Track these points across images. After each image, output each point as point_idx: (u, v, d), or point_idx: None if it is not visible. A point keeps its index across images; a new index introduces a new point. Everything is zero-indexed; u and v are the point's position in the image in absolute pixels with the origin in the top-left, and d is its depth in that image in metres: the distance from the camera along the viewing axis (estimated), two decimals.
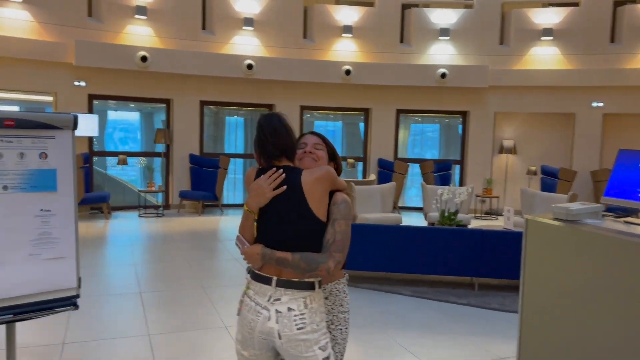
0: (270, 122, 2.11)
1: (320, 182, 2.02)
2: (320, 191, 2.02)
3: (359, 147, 12.09)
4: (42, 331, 4.11)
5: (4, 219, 2.84)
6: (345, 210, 2.07)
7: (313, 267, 1.96)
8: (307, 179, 2.02)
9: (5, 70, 9.11)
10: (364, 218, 7.72)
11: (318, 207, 2.02)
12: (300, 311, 1.98)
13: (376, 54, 11.36)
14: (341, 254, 1.99)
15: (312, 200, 2.01)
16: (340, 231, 2.02)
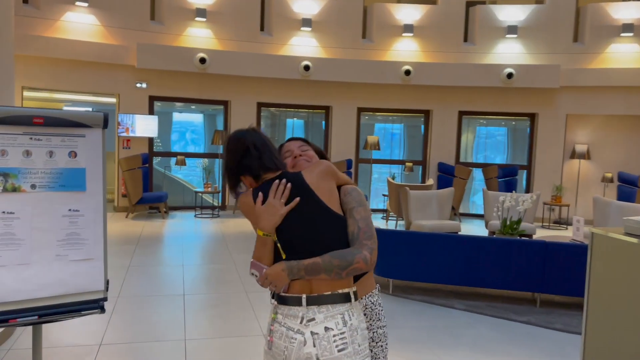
0: (255, 135, 1.97)
1: (325, 176, 1.89)
2: (328, 185, 1.88)
3: (420, 150, 11.67)
4: (82, 331, 4.10)
5: (32, 218, 2.79)
6: (359, 197, 1.91)
7: (349, 260, 1.73)
8: (311, 177, 1.88)
9: (73, 73, 9.47)
10: (418, 225, 7.36)
11: (332, 202, 1.86)
12: (339, 330, 1.72)
13: (438, 54, 10.92)
14: (371, 240, 1.79)
15: (325, 196, 1.85)
16: (362, 218, 1.83)
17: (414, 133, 12.07)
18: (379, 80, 10.59)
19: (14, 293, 2.74)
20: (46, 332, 3.97)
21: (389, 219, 10.14)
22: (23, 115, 2.78)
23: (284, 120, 11.80)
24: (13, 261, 2.74)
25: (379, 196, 11.47)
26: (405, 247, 5.30)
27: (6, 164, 2.74)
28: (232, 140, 1.97)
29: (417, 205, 7.71)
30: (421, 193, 7.86)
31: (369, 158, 11.10)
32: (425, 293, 5.45)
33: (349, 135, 11.07)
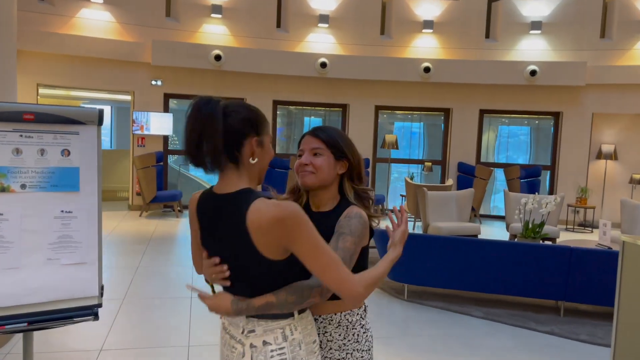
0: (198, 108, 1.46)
1: (264, 231, 1.42)
2: (269, 238, 1.43)
3: (439, 150, 11.38)
4: (83, 335, 3.98)
5: (21, 220, 2.65)
6: (357, 227, 1.65)
7: (305, 295, 1.51)
8: (256, 218, 1.42)
9: (89, 70, 9.42)
10: (436, 227, 7.11)
11: (271, 249, 1.46)
12: (278, 345, 1.53)
13: (459, 50, 10.62)
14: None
15: (260, 242, 1.44)
16: (344, 248, 1.60)
17: (433, 132, 11.78)
18: (398, 78, 10.34)
19: (2, 298, 2.60)
20: (46, 336, 3.85)
21: None
22: (12, 110, 2.64)
23: (301, 119, 11.62)
24: (1, 265, 2.60)
25: (397, 196, 11.23)
26: (420, 251, 5.07)
27: None
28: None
29: (435, 207, 7.46)
30: (439, 194, 7.61)
31: (386, 157, 10.85)
32: (442, 299, 5.21)
33: (367, 134, 10.84)
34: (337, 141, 1.78)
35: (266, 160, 1.60)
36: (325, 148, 1.75)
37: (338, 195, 1.80)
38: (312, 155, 1.76)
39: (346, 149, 1.78)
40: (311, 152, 1.76)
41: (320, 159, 1.75)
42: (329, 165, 1.75)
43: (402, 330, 4.41)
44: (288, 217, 1.40)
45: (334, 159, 1.76)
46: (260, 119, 1.55)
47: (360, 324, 1.77)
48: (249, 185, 1.53)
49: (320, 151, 1.75)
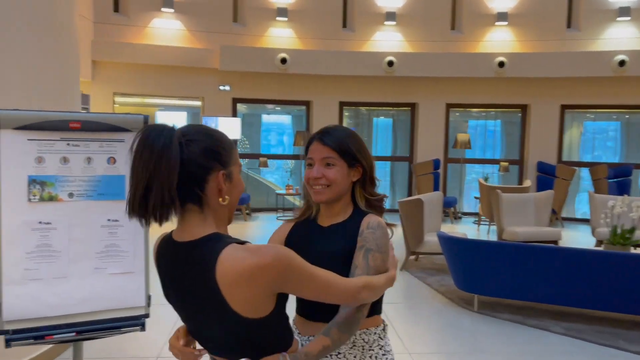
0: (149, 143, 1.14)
1: (242, 283, 1.14)
2: (244, 294, 1.16)
3: (517, 149, 10.74)
4: (142, 341, 3.98)
5: (69, 229, 2.63)
6: (384, 242, 1.51)
7: (354, 329, 1.45)
8: (229, 273, 1.14)
9: (160, 78, 9.72)
10: (512, 232, 6.64)
11: (245, 306, 1.18)
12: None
13: (537, 43, 9.96)
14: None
15: (233, 299, 1.16)
16: (375, 267, 1.48)
17: (510, 130, 11.13)
18: (470, 74, 9.85)
19: (51, 308, 2.59)
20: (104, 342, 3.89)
21: (480, 224, 9.38)
22: (59, 119, 2.62)
23: (371, 119, 11.36)
24: (50, 274, 2.59)
25: (470, 199, 10.72)
26: (493, 258, 4.69)
27: (43, 171, 2.60)
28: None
29: (511, 210, 6.97)
30: (515, 196, 7.11)
31: (459, 158, 10.38)
32: (516, 312, 4.80)
33: (437, 134, 10.41)
34: (349, 146, 1.57)
35: (236, 195, 1.28)
36: (338, 157, 1.55)
37: (351, 203, 1.64)
38: (324, 166, 1.55)
39: (359, 154, 1.58)
40: (322, 162, 1.56)
41: (333, 171, 1.55)
42: (343, 175, 1.56)
43: (471, 346, 4.08)
44: (275, 262, 1.15)
45: (347, 167, 1.57)
46: (226, 145, 1.25)
47: (378, 345, 1.59)
48: (216, 229, 1.24)
49: (332, 161, 1.55)
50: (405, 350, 3.93)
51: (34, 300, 2.55)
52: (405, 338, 4.16)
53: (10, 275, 2.52)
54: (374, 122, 11.25)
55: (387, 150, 11.15)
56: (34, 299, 2.55)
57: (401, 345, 4.01)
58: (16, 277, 2.53)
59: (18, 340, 2.53)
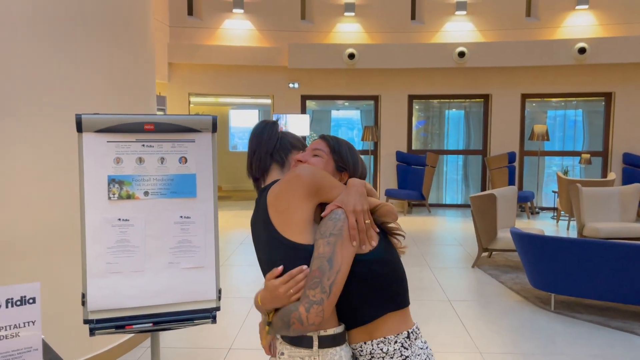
0: (257, 126, 1.74)
1: (284, 189, 1.47)
2: (285, 202, 1.44)
3: (600, 140, 10.12)
4: (216, 333, 4.14)
5: (145, 225, 2.78)
6: (330, 225, 1.41)
7: (286, 321, 1.39)
8: (272, 189, 1.52)
9: (232, 77, 10.01)
10: (593, 228, 6.28)
11: (285, 224, 1.43)
12: None
13: (620, 26, 9.32)
14: (316, 290, 1.34)
15: (277, 217, 1.45)
16: (318, 256, 1.37)
17: (593, 120, 10.50)
18: (547, 62, 9.38)
19: (130, 299, 2.75)
20: (181, 333, 4.08)
21: (559, 219, 8.94)
22: (134, 122, 2.77)
23: (442, 112, 11.09)
24: (128, 268, 2.75)
25: (549, 193, 10.24)
26: (572, 256, 4.45)
27: (121, 171, 2.76)
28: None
29: (593, 205, 6.59)
30: (597, 190, 6.70)
31: (536, 150, 9.93)
32: (597, 312, 4.54)
33: (512, 125, 10.01)
34: (342, 151, 1.64)
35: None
36: (328, 153, 1.63)
37: None
38: (312, 156, 1.64)
39: (349, 162, 1.64)
40: (312, 152, 1.65)
41: (316, 160, 1.61)
42: (325, 170, 1.59)
43: (546, 347, 3.90)
44: (305, 170, 1.46)
45: (334, 168, 1.63)
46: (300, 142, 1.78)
47: (401, 355, 1.44)
48: None
49: (320, 153, 1.63)
50: (477, 349, 3.83)
51: (114, 292, 2.72)
52: (477, 337, 4.06)
53: (93, 269, 2.70)
54: (446, 114, 10.98)
55: (459, 144, 10.86)
56: (114, 290, 2.72)
57: (472, 345, 3.91)
58: (98, 270, 2.70)
59: (101, 330, 2.71)
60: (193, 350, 3.84)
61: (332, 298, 1.35)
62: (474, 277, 5.71)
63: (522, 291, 5.14)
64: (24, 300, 1.96)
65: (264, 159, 1.65)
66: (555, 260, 4.49)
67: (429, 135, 10.99)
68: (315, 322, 1.33)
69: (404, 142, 10.27)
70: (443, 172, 10.84)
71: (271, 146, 1.66)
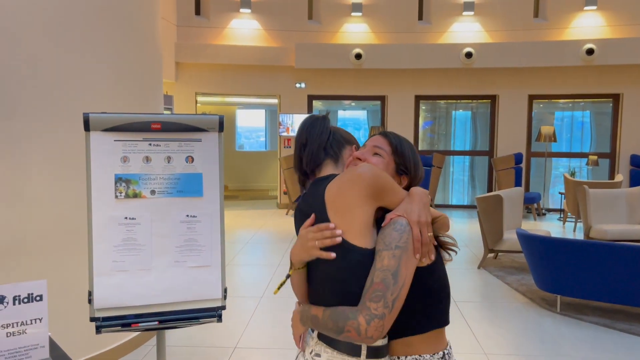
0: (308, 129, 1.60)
1: (349, 189, 1.36)
2: (345, 202, 1.37)
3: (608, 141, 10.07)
4: (222, 332, 4.16)
5: (152, 224, 2.79)
6: (394, 235, 1.34)
7: (340, 326, 1.31)
8: (331, 186, 1.42)
9: (239, 77, 10.03)
10: (600, 230, 6.25)
11: (347, 223, 1.36)
12: None
13: (628, 28, 9.26)
14: (379, 304, 1.28)
15: (336, 214, 1.38)
16: (382, 268, 1.30)
17: (601, 121, 10.44)
18: (555, 63, 9.35)
19: (136, 298, 2.77)
20: (188, 332, 4.10)
21: (566, 220, 8.90)
22: (141, 121, 2.79)
23: (449, 113, 11.07)
24: (135, 266, 2.77)
25: (557, 194, 10.19)
26: (578, 258, 4.44)
27: (128, 170, 2.78)
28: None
29: (600, 206, 6.56)
30: (604, 192, 6.67)
31: (543, 151, 9.89)
32: (604, 315, 4.52)
33: (519, 126, 9.98)
34: (405, 152, 1.54)
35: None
36: (390, 153, 1.53)
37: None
38: (372, 154, 1.54)
39: (411, 164, 1.54)
40: (372, 149, 1.55)
41: (376, 159, 1.52)
42: (385, 170, 1.51)
43: (552, 350, 3.89)
44: (367, 170, 1.37)
45: (394, 170, 1.53)
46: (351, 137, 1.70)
47: None
48: None
49: (381, 152, 1.53)
50: (482, 350, 3.82)
51: (121, 290, 2.74)
52: (482, 338, 4.05)
53: (100, 267, 2.72)
54: (453, 115, 10.96)
55: (466, 145, 10.84)
56: (121, 289, 2.74)
57: (477, 346, 3.90)
58: (105, 268, 2.72)
59: (107, 327, 2.73)
60: (199, 348, 3.85)
61: (394, 313, 1.30)
62: (480, 278, 5.69)
63: (527, 292, 5.13)
64: (31, 297, 1.98)
65: (317, 153, 1.54)
66: (561, 261, 4.47)
67: (436, 135, 10.96)
68: (374, 336, 1.29)
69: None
70: (449, 173, 10.82)
71: (324, 140, 1.55)
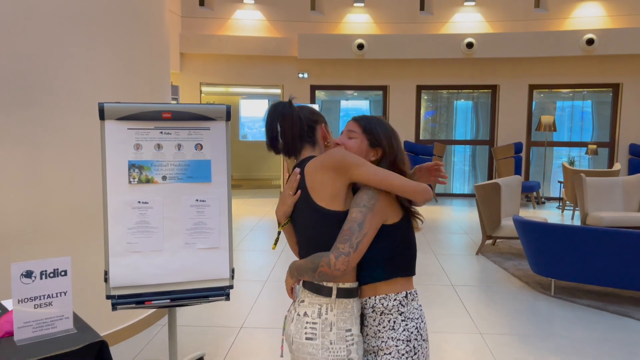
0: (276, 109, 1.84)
1: (318, 167, 1.71)
2: (319, 176, 1.70)
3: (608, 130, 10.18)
4: (229, 312, 4.34)
5: (163, 208, 2.96)
6: (363, 198, 1.67)
7: (316, 263, 1.65)
8: (309, 165, 1.75)
9: (242, 67, 10.16)
10: (596, 217, 6.40)
11: (322, 195, 1.70)
12: (312, 319, 1.70)
13: (628, 18, 9.34)
14: (345, 244, 1.61)
15: (313, 188, 1.72)
16: (350, 220, 1.64)
17: (602, 111, 10.55)
18: (555, 53, 9.44)
19: (149, 277, 2.94)
20: (196, 312, 4.28)
21: (565, 209, 9.05)
22: (153, 110, 2.95)
23: (451, 103, 11.18)
24: (147, 247, 2.94)
25: (557, 183, 10.33)
26: (571, 243, 4.60)
27: (141, 157, 2.94)
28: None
29: (596, 194, 6.70)
30: (601, 180, 6.81)
31: (542, 141, 10.02)
32: (596, 297, 4.68)
33: (519, 116, 10.10)
34: (374, 129, 1.81)
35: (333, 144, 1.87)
36: (361, 133, 1.81)
37: None
38: (347, 138, 1.83)
39: (381, 137, 1.80)
40: (347, 134, 1.84)
41: (352, 141, 1.81)
42: (360, 148, 1.79)
43: (545, 330, 4.06)
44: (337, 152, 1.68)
45: (368, 145, 1.80)
46: (319, 113, 1.92)
47: (397, 310, 1.70)
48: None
49: (355, 135, 1.82)
50: (478, 330, 3.99)
51: (134, 270, 2.91)
52: (477, 319, 4.22)
53: (115, 248, 2.89)
54: (454, 105, 11.08)
55: (467, 134, 10.96)
56: (134, 268, 2.91)
57: (472, 326, 4.07)
58: (120, 249, 2.90)
59: (122, 305, 2.90)
60: (208, 328, 4.04)
61: (358, 254, 1.61)
62: (478, 264, 5.86)
63: (523, 277, 5.29)
64: (57, 272, 2.16)
65: (293, 143, 1.82)
66: (555, 246, 4.63)
67: (437, 125, 11.09)
68: (341, 268, 1.59)
69: (412, 132, 10.39)
70: (451, 162, 10.95)
71: (297, 131, 1.81)
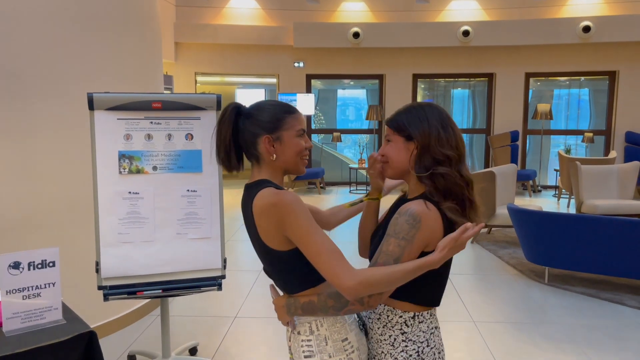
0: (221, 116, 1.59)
1: (263, 215, 1.47)
2: (265, 225, 1.47)
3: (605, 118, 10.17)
4: (223, 302, 4.35)
5: (154, 198, 2.95)
6: (403, 227, 1.42)
7: (343, 302, 1.45)
8: (256, 201, 1.49)
9: (238, 56, 10.10)
10: (591, 205, 6.41)
11: (266, 236, 1.50)
12: (306, 336, 1.57)
13: (625, 5, 9.29)
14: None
15: (260, 225, 1.50)
16: (387, 253, 1.42)
17: (599, 98, 10.52)
18: (551, 41, 9.40)
19: (141, 267, 2.94)
20: (190, 302, 4.29)
21: (560, 197, 9.06)
22: (143, 100, 2.93)
23: (448, 91, 11.14)
24: (139, 238, 2.93)
25: (551, 172, 10.33)
26: (564, 231, 4.60)
27: (131, 147, 2.93)
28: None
29: (592, 182, 6.70)
30: (596, 168, 6.81)
31: (539, 129, 10.00)
32: (589, 285, 4.70)
33: (515, 104, 10.07)
34: (400, 121, 1.55)
35: (290, 153, 1.57)
36: (393, 133, 1.56)
37: (420, 183, 1.55)
38: (386, 144, 1.60)
39: (410, 127, 1.52)
40: (385, 141, 1.62)
41: (388, 147, 1.57)
42: (398, 149, 1.54)
43: (538, 317, 4.08)
44: (281, 203, 1.43)
45: (404, 141, 1.54)
46: (271, 116, 1.56)
47: (400, 329, 1.55)
48: (269, 177, 1.58)
49: (390, 137, 1.58)
50: (471, 318, 4.01)
51: (126, 260, 2.91)
52: (471, 307, 4.24)
53: (106, 238, 2.89)
54: (451, 93, 11.04)
55: (464, 122, 10.94)
56: (126, 259, 2.91)
57: (466, 314, 4.09)
58: (111, 240, 2.89)
59: (114, 295, 2.91)
60: (201, 318, 4.05)
61: (391, 291, 1.49)
62: (473, 252, 5.87)
63: (518, 265, 5.31)
64: (45, 263, 2.15)
65: (228, 160, 1.59)
66: (549, 234, 4.64)
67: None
68: (374, 306, 1.45)
69: None
70: None
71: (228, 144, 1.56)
